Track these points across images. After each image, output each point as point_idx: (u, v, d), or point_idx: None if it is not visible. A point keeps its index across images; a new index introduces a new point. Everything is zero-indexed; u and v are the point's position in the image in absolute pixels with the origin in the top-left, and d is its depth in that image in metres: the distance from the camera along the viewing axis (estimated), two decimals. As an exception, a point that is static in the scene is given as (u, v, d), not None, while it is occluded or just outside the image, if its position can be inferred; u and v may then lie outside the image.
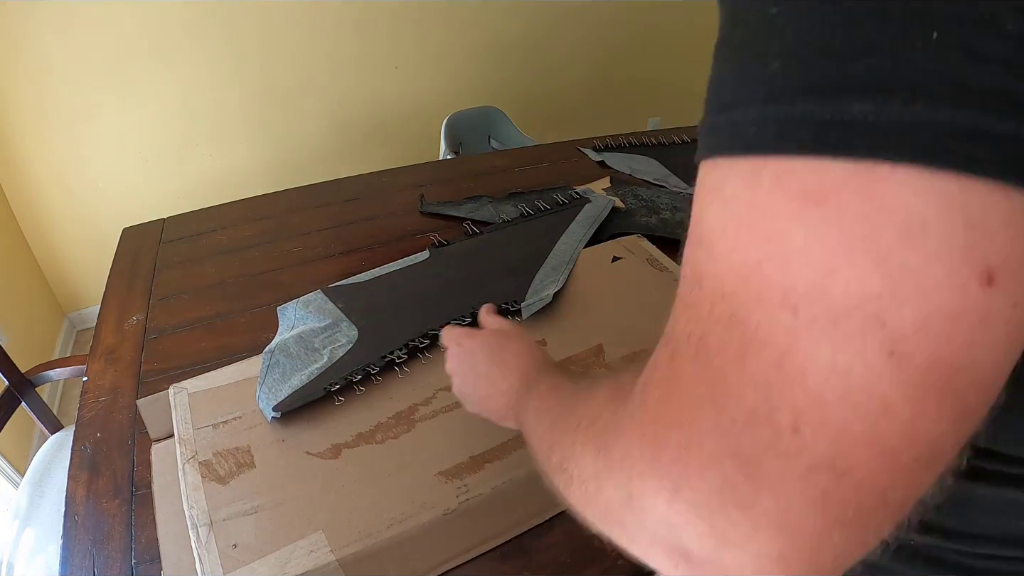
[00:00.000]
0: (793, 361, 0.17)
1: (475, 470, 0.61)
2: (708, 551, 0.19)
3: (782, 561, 0.18)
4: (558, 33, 2.31)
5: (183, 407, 0.66)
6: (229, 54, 1.80)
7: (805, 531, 0.17)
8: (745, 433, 0.18)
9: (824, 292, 0.16)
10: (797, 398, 0.17)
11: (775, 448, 0.17)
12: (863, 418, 0.16)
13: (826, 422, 0.16)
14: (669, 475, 0.19)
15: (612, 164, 1.30)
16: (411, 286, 0.86)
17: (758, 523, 0.18)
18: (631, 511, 0.21)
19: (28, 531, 0.87)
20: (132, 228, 1.06)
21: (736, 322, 0.18)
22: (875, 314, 0.15)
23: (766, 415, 0.17)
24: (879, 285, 0.15)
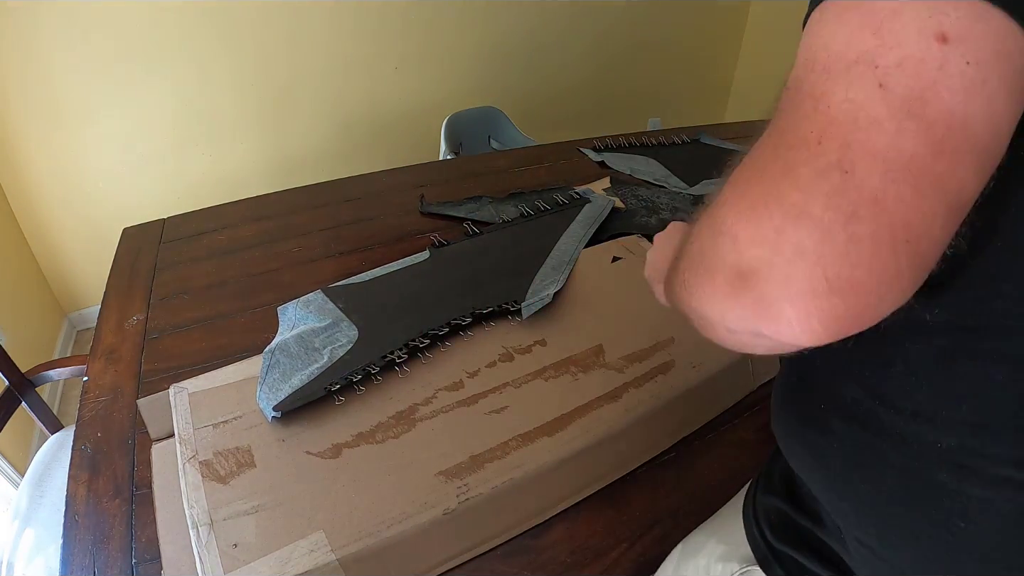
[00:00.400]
0: (823, 101, 0.24)
1: (475, 470, 0.61)
2: (753, 255, 0.25)
3: (799, 250, 0.23)
4: (558, 34, 2.31)
5: (183, 407, 0.66)
6: (229, 54, 1.80)
7: (816, 219, 0.23)
8: (789, 151, 0.25)
9: (843, 54, 0.24)
10: (822, 122, 0.24)
11: (805, 157, 0.24)
12: (861, 129, 0.23)
13: (837, 134, 0.23)
14: (739, 189, 0.27)
15: (612, 164, 1.30)
16: (411, 286, 0.86)
17: (787, 213, 0.24)
18: (712, 238, 0.28)
19: (28, 531, 0.87)
20: (132, 228, 1.06)
21: (796, 89, 0.26)
22: (871, 60, 0.23)
23: (803, 138, 0.25)
24: (873, 42, 0.23)
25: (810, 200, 0.23)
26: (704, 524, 0.56)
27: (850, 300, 0.23)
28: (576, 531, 0.61)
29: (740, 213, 0.26)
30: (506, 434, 0.65)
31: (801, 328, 0.24)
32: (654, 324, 0.80)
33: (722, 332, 0.31)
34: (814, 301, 0.23)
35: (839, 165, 0.23)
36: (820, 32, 0.26)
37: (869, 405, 0.35)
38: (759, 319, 0.26)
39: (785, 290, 0.24)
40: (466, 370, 0.72)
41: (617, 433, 0.66)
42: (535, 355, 0.75)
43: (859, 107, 0.23)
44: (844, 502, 0.37)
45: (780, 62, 2.36)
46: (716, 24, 2.66)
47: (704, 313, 0.30)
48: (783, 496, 0.45)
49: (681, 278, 0.32)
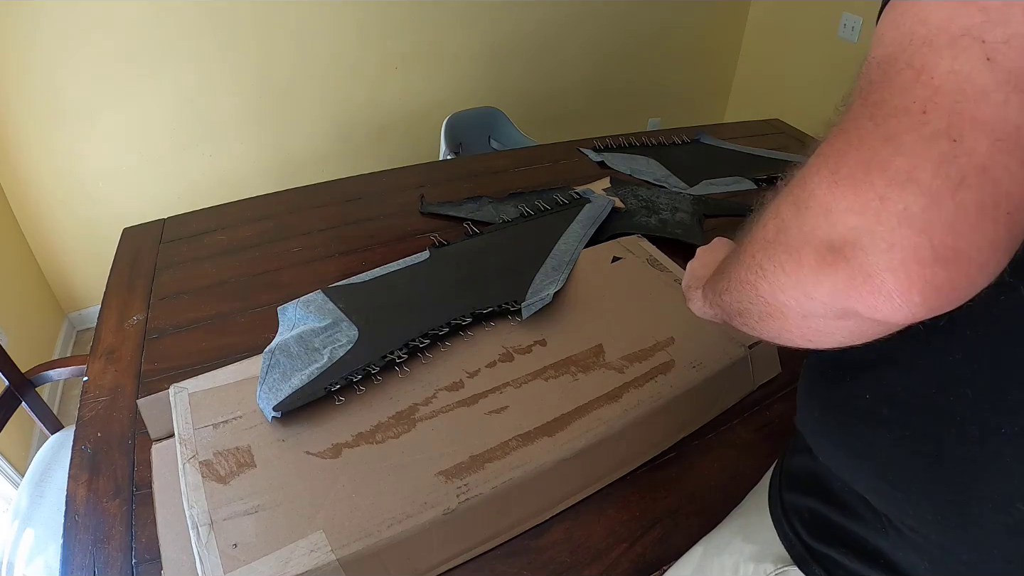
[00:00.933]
0: (925, 71, 0.24)
1: (475, 470, 0.61)
2: (849, 225, 0.25)
3: (905, 217, 0.23)
4: (559, 33, 2.31)
5: (183, 407, 0.66)
6: (229, 54, 1.80)
7: (925, 185, 0.23)
8: (890, 119, 0.25)
9: (947, 27, 0.24)
10: (926, 92, 0.24)
11: (909, 125, 0.24)
12: (968, 99, 0.23)
13: (944, 104, 0.23)
14: (833, 161, 0.26)
15: (612, 164, 1.30)
16: (411, 286, 0.86)
17: (892, 179, 0.24)
18: (797, 212, 0.28)
19: (28, 531, 0.87)
20: (132, 228, 1.06)
21: (891, 62, 0.25)
22: (978, 35, 0.23)
23: (904, 107, 0.24)
24: (980, 17, 0.23)
25: (918, 166, 0.23)
26: (726, 523, 0.56)
27: (952, 270, 0.23)
28: (576, 531, 0.61)
29: (836, 183, 0.26)
30: (506, 434, 0.65)
31: (901, 300, 0.24)
32: (654, 324, 0.80)
33: (794, 320, 0.31)
34: (918, 269, 0.23)
35: (947, 133, 0.23)
36: (916, 7, 0.25)
37: (925, 393, 0.34)
38: (854, 293, 0.25)
39: (888, 259, 0.24)
40: (466, 370, 0.72)
41: (617, 433, 0.66)
42: (535, 355, 0.75)
43: (965, 78, 0.23)
44: (898, 491, 0.37)
45: (780, 62, 2.35)
46: (716, 24, 2.66)
47: (778, 297, 0.30)
48: (814, 495, 0.45)
49: (752, 263, 0.32)
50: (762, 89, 2.77)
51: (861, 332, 0.29)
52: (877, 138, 0.25)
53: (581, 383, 0.71)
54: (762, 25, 2.67)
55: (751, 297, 0.33)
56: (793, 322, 0.31)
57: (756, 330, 0.36)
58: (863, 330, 0.28)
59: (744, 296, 0.34)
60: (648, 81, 2.66)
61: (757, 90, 2.80)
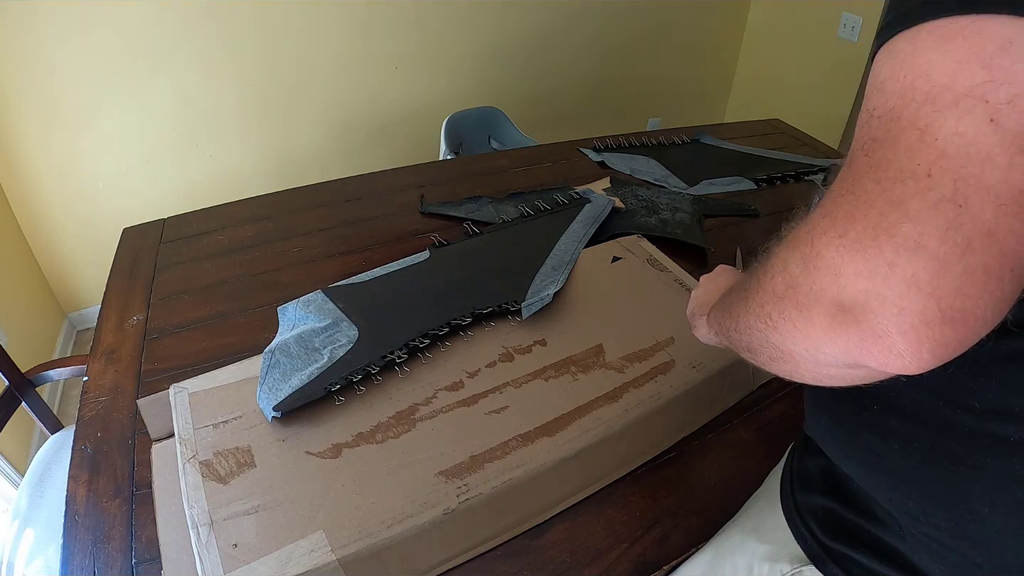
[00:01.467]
0: (929, 132, 0.24)
1: (475, 470, 0.61)
2: (859, 289, 0.26)
3: (914, 283, 0.24)
4: (559, 33, 2.31)
5: (183, 407, 0.66)
6: (229, 54, 1.80)
7: (933, 252, 0.24)
8: (896, 184, 0.25)
9: (950, 87, 0.24)
10: (930, 154, 0.24)
11: (915, 190, 0.24)
12: (973, 164, 0.23)
13: (949, 168, 0.24)
14: (840, 223, 0.27)
15: (612, 164, 1.30)
16: (411, 286, 0.86)
17: (900, 246, 0.24)
18: (806, 271, 0.28)
19: (28, 531, 0.87)
20: (132, 228, 1.06)
21: (894, 120, 0.26)
22: (981, 95, 0.23)
23: (910, 170, 0.25)
24: (984, 76, 0.23)
25: (926, 232, 0.24)
26: (735, 524, 0.56)
27: (960, 329, 0.24)
28: (576, 531, 0.61)
29: (844, 246, 0.26)
30: (506, 434, 0.65)
31: (911, 358, 0.25)
32: (654, 324, 0.80)
33: (807, 365, 0.32)
34: (927, 331, 0.24)
35: (953, 199, 0.23)
36: (916, 60, 0.25)
37: (932, 405, 0.35)
38: (866, 352, 0.26)
39: (898, 321, 0.25)
40: (466, 370, 0.72)
41: (617, 433, 0.66)
42: (535, 355, 0.75)
43: (970, 141, 0.23)
44: (910, 500, 0.38)
45: (780, 62, 2.35)
46: (716, 24, 2.66)
47: (790, 348, 0.31)
48: (829, 494, 0.45)
49: (761, 313, 0.33)
50: (762, 89, 2.76)
51: (872, 377, 0.30)
52: (884, 202, 0.25)
53: (581, 383, 0.71)
54: (762, 25, 2.67)
55: (760, 341, 0.34)
56: (805, 367, 0.32)
57: (766, 367, 0.37)
58: (874, 377, 0.30)
59: (753, 339, 0.36)
60: (648, 81, 2.66)
61: (757, 90, 2.80)
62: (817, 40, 2.38)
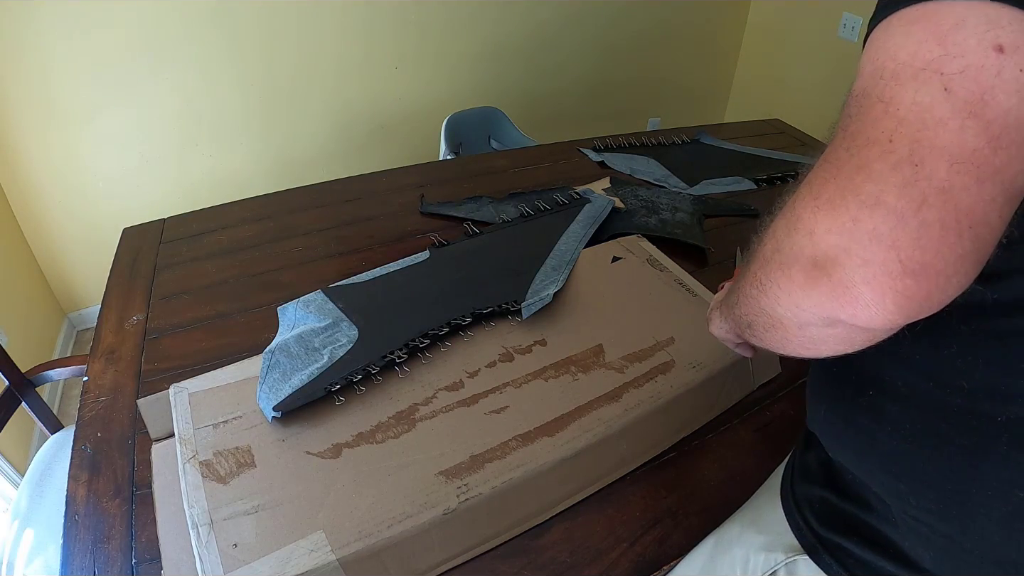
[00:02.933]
0: (892, 104, 0.27)
1: (475, 470, 0.61)
2: (829, 244, 0.28)
3: (875, 235, 0.26)
4: (559, 33, 2.31)
5: (183, 407, 0.66)
6: (229, 54, 1.80)
7: (891, 206, 0.26)
8: (863, 149, 0.27)
9: (911, 62, 0.27)
10: (892, 123, 0.27)
11: (878, 154, 0.27)
12: (928, 128, 0.25)
13: (907, 133, 0.26)
14: (815, 188, 0.29)
15: (612, 164, 1.30)
16: (411, 286, 0.86)
17: (863, 203, 0.27)
18: (787, 234, 0.31)
19: (28, 531, 0.87)
20: (132, 228, 1.06)
21: (866, 96, 0.28)
22: (937, 68, 0.26)
23: (875, 137, 0.27)
24: (939, 51, 0.26)
25: (884, 190, 0.26)
26: (736, 517, 0.57)
27: (921, 281, 0.26)
28: (576, 531, 0.61)
29: (817, 208, 0.29)
30: (506, 434, 0.65)
31: (877, 308, 0.27)
32: (654, 324, 0.80)
33: (792, 330, 0.34)
34: (889, 282, 0.26)
35: (910, 159, 0.26)
36: (887, 43, 0.28)
37: (924, 387, 0.36)
38: (837, 303, 0.28)
39: (862, 272, 0.27)
40: (466, 370, 0.72)
41: (617, 433, 0.66)
42: (535, 355, 0.75)
43: (926, 109, 0.26)
44: (901, 483, 0.38)
45: (780, 62, 2.35)
46: (716, 24, 2.66)
47: (776, 310, 0.34)
48: (825, 485, 0.46)
49: (754, 279, 0.35)
50: (762, 89, 2.76)
51: (851, 339, 0.32)
52: (852, 166, 0.28)
53: (581, 383, 0.71)
54: (762, 25, 2.67)
55: (756, 311, 0.37)
56: (792, 332, 0.34)
57: (763, 340, 0.39)
58: (852, 337, 0.32)
59: (750, 309, 0.38)
60: (648, 81, 2.66)
61: (757, 90, 2.80)
62: (817, 40, 2.38)
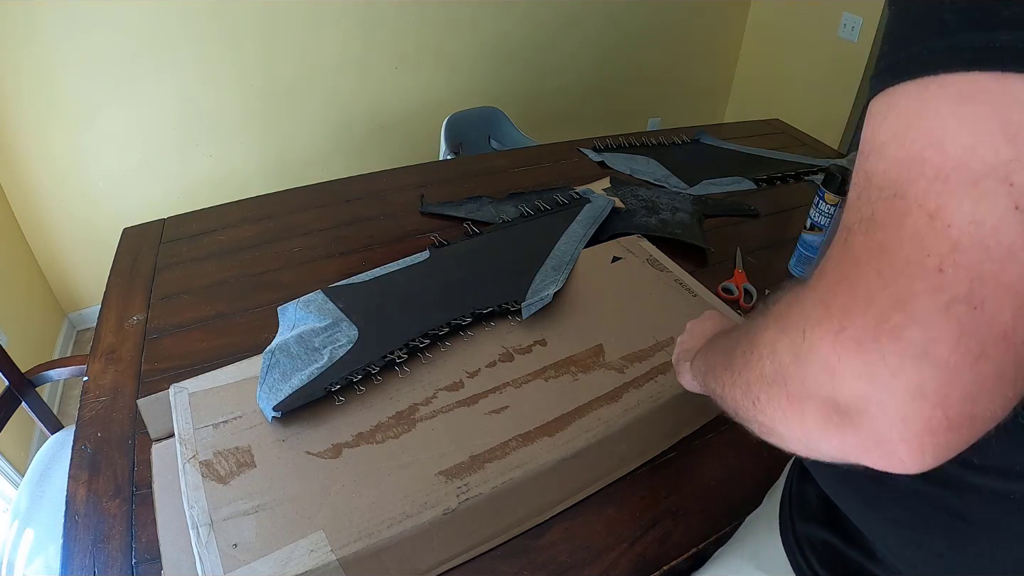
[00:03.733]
0: (941, 217, 0.21)
1: (475, 470, 0.61)
2: (856, 393, 0.23)
3: (919, 392, 0.21)
4: (559, 33, 2.31)
5: (183, 407, 0.66)
6: (229, 54, 1.80)
7: (942, 361, 0.21)
8: (901, 277, 0.22)
9: (967, 163, 0.20)
10: (942, 245, 0.21)
11: (924, 285, 0.21)
12: (993, 259, 0.20)
13: (964, 263, 0.21)
14: (837, 317, 0.24)
15: (612, 164, 1.30)
16: (411, 286, 0.86)
17: (905, 352, 0.21)
18: (797, 363, 0.26)
19: (28, 531, 0.87)
20: (132, 228, 1.06)
21: (899, 197, 0.22)
22: (1005, 176, 0.20)
23: (918, 262, 0.21)
24: (1009, 153, 0.20)
25: (935, 340, 0.21)
26: (734, 546, 0.55)
27: (966, 432, 0.22)
28: (576, 531, 0.61)
29: (842, 345, 0.23)
30: (506, 434, 0.65)
31: (912, 462, 0.23)
32: (654, 324, 0.80)
33: (797, 447, 0.30)
34: (931, 439, 0.22)
35: (968, 300, 0.21)
36: (927, 123, 0.22)
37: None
38: (863, 455, 0.24)
39: (900, 429, 0.23)
40: (466, 370, 0.72)
41: (617, 433, 0.66)
42: (535, 355, 0.75)
43: (990, 232, 0.20)
44: (907, 549, 0.37)
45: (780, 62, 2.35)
46: (716, 24, 2.66)
47: (781, 432, 0.29)
48: (827, 526, 0.44)
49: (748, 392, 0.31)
50: (762, 89, 2.76)
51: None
52: (887, 298, 0.22)
53: (581, 383, 0.71)
54: (762, 25, 2.67)
55: (747, 418, 0.32)
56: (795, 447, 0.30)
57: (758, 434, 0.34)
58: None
59: (740, 412, 0.33)
60: (648, 81, 2.66)
61: (757, 90, 2.80)
62: (817, 40, 2.38)
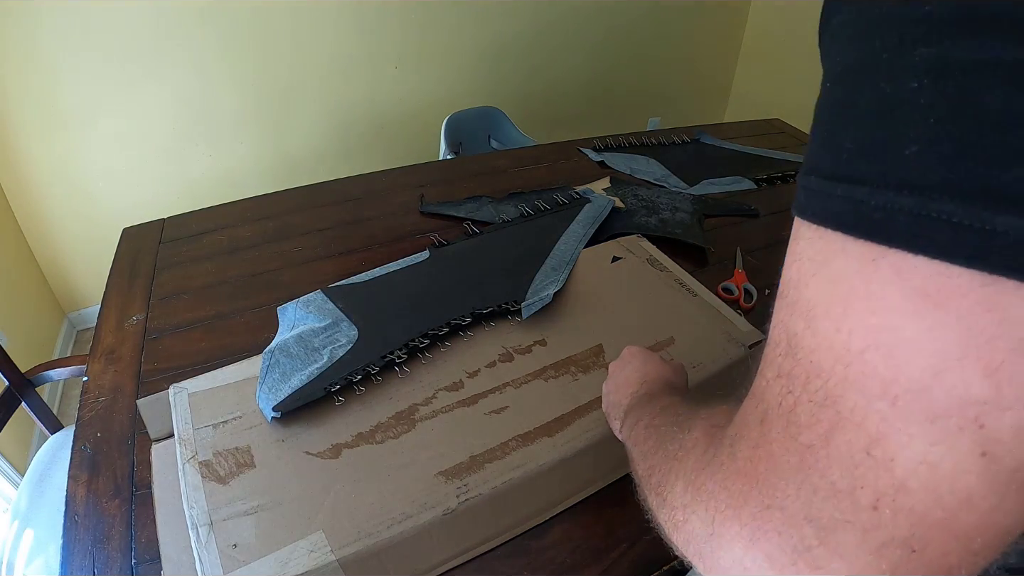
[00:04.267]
0: (883, 448, 0.17)
1: (475, 470, 0.61)
2: None
3: None
4: (559, 33, 2.31)
5: (183, 407, 0.66)
6: (229, 54, 1.80)
7: None
8: (826, 504, 0.18)
9: (928, 390, 0.16)
10: (881, 481, 0.17)
11: (853, 521, 0.18)
12: (945, 507, 0.17)
13: (907, 507, 0.17)
14: (749, 527, 0.21)
15: (612, 164, 1.30)
16: (411, 286, 0.86)
17: None
18: (711, 546, 0.23)
19: (28, 531, 0.87)
20: (132, 228, 1.06)
21: (830, 402, 0.18)
22: (975, 417, 0.16)
23: (848, 491, 0.18)
24: (986, 392, 0.15)
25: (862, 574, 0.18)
26: None
27: None
28: (576, 531, 0.61)
29: (755, 552, 0.20)
30: (506, 434, 0.65)
31: None
32: (654, 324, 0.80)
33: None
34: None
35: (906, 544, 0.17)
36: (871, 317, 0.17)
37: None
38: None
39: None
40: (466, 370, 0.72)
41: (617, 433, 0.66)
42: (535, 355, 0.75)
43: (944, 478, 0.16)
44: None
45: (780, 62, 2.35)
46: (716, 24, 2.66)
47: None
48: None
49: (672, 530, 0.27)
50: (762, 89, 2.76)
51: None
52: (807, 524, 0.19)
53: (581, 383, 0.71)
54: (762, 25, 2.67)
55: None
56: None
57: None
58: None
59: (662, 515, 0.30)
60: (648, 81, 2.66)
61: (757, 90, 2.80)
62: (817, 40, 2.38)
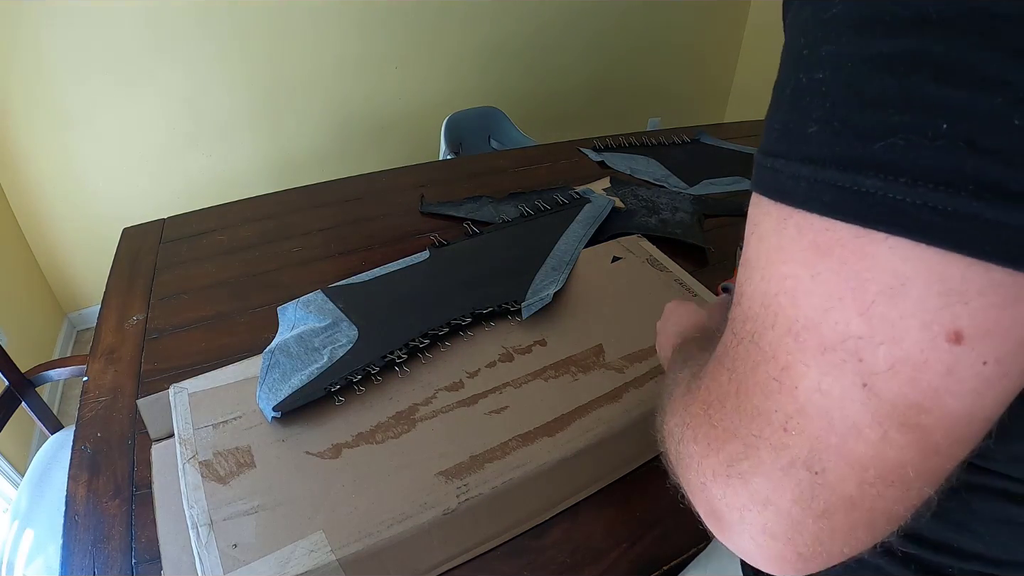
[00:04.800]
0: (789, 375, 0.20)
1: (475, 470, 0.61)
2: (723, 514, 0.23)
3: (768, 533, 0.22)
4: (559, 33, 2.31)
5: (183, 407, 0.66)
6: (229, 54, 1.80)
7: (785, 512, 0.21)
8: (752, 422, 0.22)
9: (818, 326, 0.19)
10: (788, 404, 0.21)
11: (769, 439, 0.21)
12: (836, 433, 0.19)
13: (806, 429, 0.20)
14: (702, 442, 0.24)
15: (612, 164, 1.30)
16: (411, 286, 0.86)
17: (752, 497, 0.22)
18: (681, 467, 0.27)
19: (28, 531, 0.87)
20: (132, 228, 1.06)
21: (756, 338, 0.22)
22: (854, 351, 0.19)
23: (766, 413, 0.21)
24: (860, 328, 0.18)
25: (775, 492, 0.21)
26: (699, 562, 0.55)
27: (822, 562, 0.22)
28: (576, 531, 0.61)
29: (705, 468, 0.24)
30: (506, 434, 0.65)
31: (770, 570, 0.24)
32: (654, 324, 0.80)
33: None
34: (786, 565, 0.23)
35: (807, 464, 0.20)
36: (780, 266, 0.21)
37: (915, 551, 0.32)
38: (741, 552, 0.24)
39: (758, 554, 0.23)
40: (466, 370, 0.72)
41: (617, 433, 0.66)
42: (535, 355, 0.75)
43: (834, 404, 0.19)
44: None
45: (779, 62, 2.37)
46: (716, 24, 2.66)
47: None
48: None
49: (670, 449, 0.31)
50: (762, 89, 2.74)
51: None
52: (738, 442, 0.22)
53: (581, 383, 0.71)
54: (762, 25, 2.67)
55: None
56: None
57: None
58: None
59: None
60: (648, 81, 2.66)
61: (757, 90, 2.80)
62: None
